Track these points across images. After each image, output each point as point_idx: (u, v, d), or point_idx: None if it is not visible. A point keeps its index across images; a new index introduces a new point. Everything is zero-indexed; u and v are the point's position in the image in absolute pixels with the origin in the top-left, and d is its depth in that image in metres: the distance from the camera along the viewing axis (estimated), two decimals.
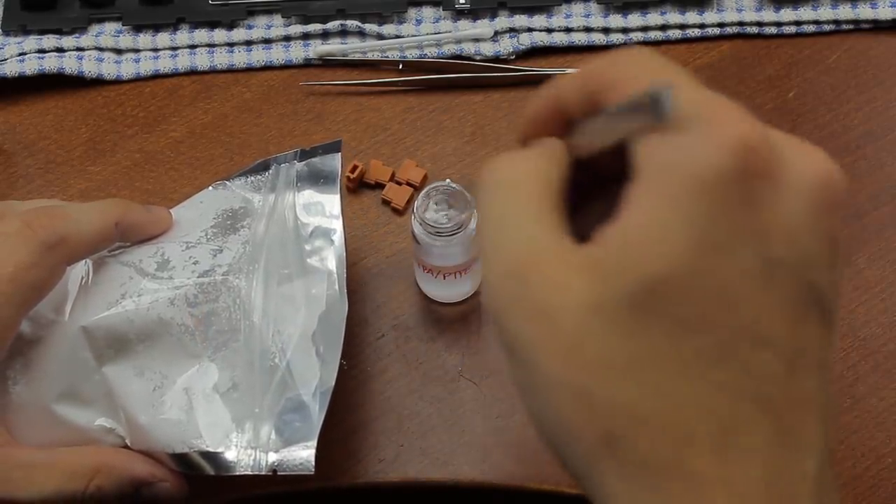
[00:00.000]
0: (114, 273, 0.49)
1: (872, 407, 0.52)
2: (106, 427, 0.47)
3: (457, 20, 0.63)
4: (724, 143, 0.27)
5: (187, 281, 0.48)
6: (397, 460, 0.51)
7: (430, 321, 0.54)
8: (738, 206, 0.27)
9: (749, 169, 0.27)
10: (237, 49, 0.62)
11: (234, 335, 0.48)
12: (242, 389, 0.47)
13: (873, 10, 0.63)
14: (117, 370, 0.47)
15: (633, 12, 0.63)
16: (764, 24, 0.63)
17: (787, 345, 0.27)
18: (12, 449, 0.44)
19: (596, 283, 0.27)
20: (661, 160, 0.28)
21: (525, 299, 0.28)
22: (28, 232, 0.43)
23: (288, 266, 0.50)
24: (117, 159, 0.59)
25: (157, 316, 0.47)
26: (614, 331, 0.27)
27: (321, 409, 0.46)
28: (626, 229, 0.27)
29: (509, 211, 0.30)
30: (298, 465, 0.46)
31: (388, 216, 0.57)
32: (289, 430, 0.46)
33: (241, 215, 0.51)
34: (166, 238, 0.50)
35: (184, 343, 0.47)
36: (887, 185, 0.58)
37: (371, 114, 0.60)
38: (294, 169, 0.53)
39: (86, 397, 0.47)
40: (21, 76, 0.60)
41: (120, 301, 0.47)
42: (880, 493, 0.50)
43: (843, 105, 0.61)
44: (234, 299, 0.48)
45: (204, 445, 0.46)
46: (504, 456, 0.51)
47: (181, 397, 0.47)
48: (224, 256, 0.49)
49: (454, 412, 0.52)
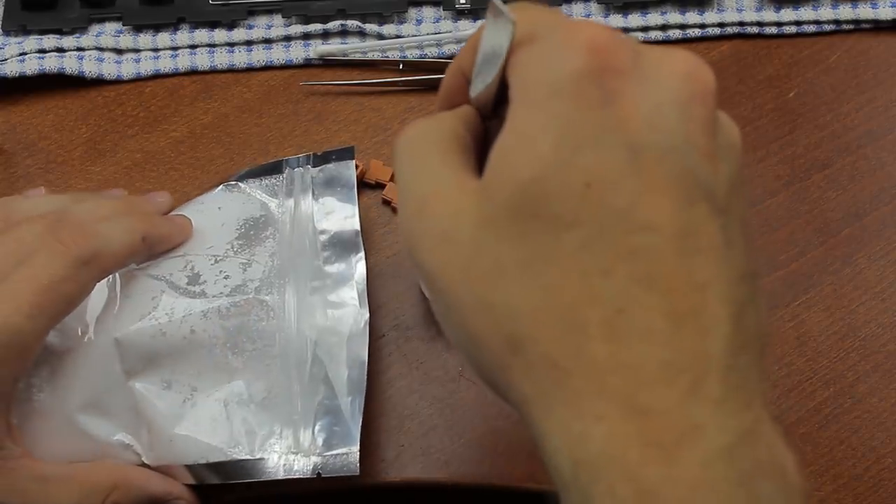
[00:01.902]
0: (145, 286, 0.49)
1: (872, 407, 0.52)
2: (124, 443, 0.47)
3: (457, 20, 0.63)
4: (574, 45, 0.29)
5: (220, 296, 0.49)
6: (398, 460, 0.51)
7: (431, 321, 0.54)
8: (595, 101, 0.28)
9: (603, 66, 0.28)
10: (238, 49, 0.62)
11: (268, 346, 0.48)
12: (279, 397, 0.48)
13: (874, 10, 0.63)
14: (145, 384, 0.48)
15: (634, 12, 0.63)
16: (764, 24, 0.63)
17: (672, 227, 0.28)
18: (29, 461, 0.44)
19: (482, 201, 0.29)
20: (523, 74, 0.30)
21: (429, 231, 0.30)
22: (61, 247, 0.43)
23: (316, 277, 0.51)
24: (118, 159, 0.59)
25: (190, 329, 0.48)
26: (502, 239, 0.29)
27: (358, 411, 0.47)
28: (500, 146, 0.29)
29: (416, 158, 0.32)
30: (342, 468, 0.47)
31: (388, 216, 0.57)
32: (328, 434, 0.47)
33: (262, 224, 0.52)
34: (191, 250, 0.51)
35: (215, 355, 0.48)
36: (887, 185, 0.58)
37: (371, 114, 0.60)
38: (309, 175, 0.54)
39: (109, 410, 0.47)
40: (21, 76, 0.60)
41: (152, 313, 0.48)
42: (880, 493, 0.50)
43: (843, 105, 0.61)
44: (268, 312, 0.49)
45: (243, 453, 0.47)
46: (505, 456, 0.51)
47: (215, 408, 0.47)
48: (254, 270, 0.50)
49: (455, 412, 0.52)
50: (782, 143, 0.59)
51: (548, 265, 0.28)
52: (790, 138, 0.60)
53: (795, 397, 0.52)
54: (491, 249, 0.29)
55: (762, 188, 0.58)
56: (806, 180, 0.58)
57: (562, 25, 0.29)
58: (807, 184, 0.58)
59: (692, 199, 0.28)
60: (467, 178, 0.30)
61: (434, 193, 0.30)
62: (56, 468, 0.45)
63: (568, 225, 0.28)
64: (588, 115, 0.28)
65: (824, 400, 0.52)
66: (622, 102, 0.28)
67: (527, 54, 0.29)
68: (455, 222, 0.29)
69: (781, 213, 0.57)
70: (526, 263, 0.28)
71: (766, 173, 0.58)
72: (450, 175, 0.31)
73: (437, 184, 0.31)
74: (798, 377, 0.53)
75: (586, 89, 0.28)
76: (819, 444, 0.51)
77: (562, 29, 0.29)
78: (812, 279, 0.55)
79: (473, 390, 0.52)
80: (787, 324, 0.54)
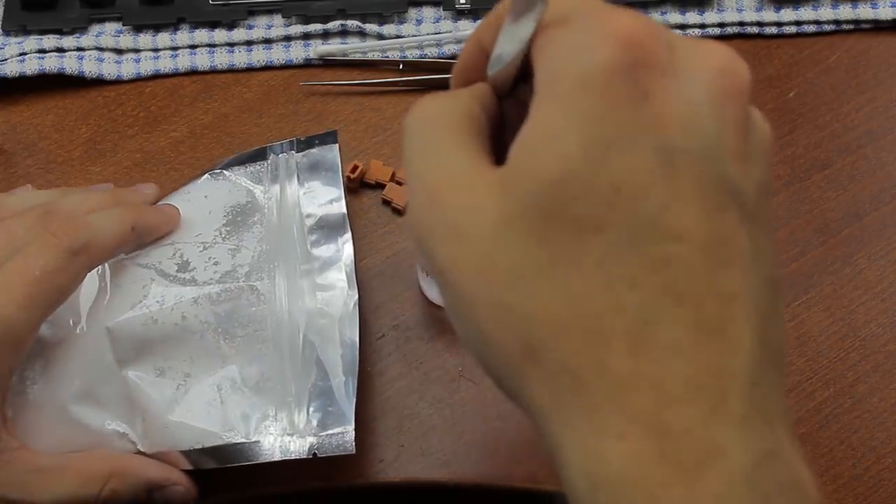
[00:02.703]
0: (134, 275, 0.49)
1: (873, 407, 0.52)
2: (119, 431, 0.47)
3: (457, 20, 0.63)
4: (607, 36, 0.27)
5: (210, 282, 0.49)
6: (398, 460, 0.51)
7: (431, 321, 0.54)
8: (627, 99, 0.26)
9: (636, 61, 0.26)
10: (238, 49, 0.62)
11: (259, 331, 0.49)
12: (272, 381, 0.48)
13: (874, 10, 0.63)
14: (138, 373, 0.48)
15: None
16: (764, 24, 0.63)
17: (701, 237, 0.26)
18: (26, 453, 0.44)
19: (503, 197, 0.27)
20: (551, 61, 0.27)
21: (442, 223, 0.28)
22: (53, 239, 0.43)
23: (304, 261, 0.51)
24: (118, 159, 0.59)
25: (181, 315, 0.48)
26: (523, 240, 0.27)
27: (352, 391, 0.48)
28: (524, 140, 0.27)
29: (428, 142, 0.30)
30: (337, 447, 0.47)
31: (388, 216, 0.57)
32: (323, 414, 0.48)
33: (249, 210, 0.52)
34: (179, 238, 0.51)
35: (207, 341, 0.48)
36: (887, 185, 0.58)
37: (371, 114, 0.60)
38: (293, 160, 0.54)
39: (102, 399, 0.47)
40: (21, 76, 0.60)
41: (143, 301, 0.48)
42: (880, 493, 0.50)
43: (843, 105, 0.61)
44: (258, 297, 0.49)
45: (238, 437, 0.47)
46: (505, 456, 0.51)
47: (209, 393, 0.48)
48: (243, 256, 0.50)
49: (455, 412, 0.52)
50: (782, 143, 0.59)
51: (571, 271, 0.26)
52: (790, 138, 0.60)
53: (795, 397, 0.52)
54: (510, 249, 0.27)
55: None
56: (806, 180, 0.58)
57: (596, 10, 0.27)
58: (807, 184, 0.58)
59: (722, 206, 0.27)
60: (483, 168, 0.29)
61: (448, 182, 0.29)
62: (52, 459, 0.45)
63: (594, 230, 0.26)
64: (619, 113, 0.26)
65: (824, 400, 0.52)
66: (655, 100, 0.27)
67: (556, 39, 0.28)
68: (471, 217, 0.28)
69: (781, 213, 0.57)
70: (547, 267, 0.27)
71: None
72: (465, 162, 0.29)
73: (451, 171, 0.29)
74: (798, 377, 0.53)
75: (618, 85, 0.26)
76: (819, 444, 0.51)
77: (596, 14, 0.27)
78: (812, 279, 0.55)
79: (473, 390, 0.52)
80: (787, 324, 0.54)
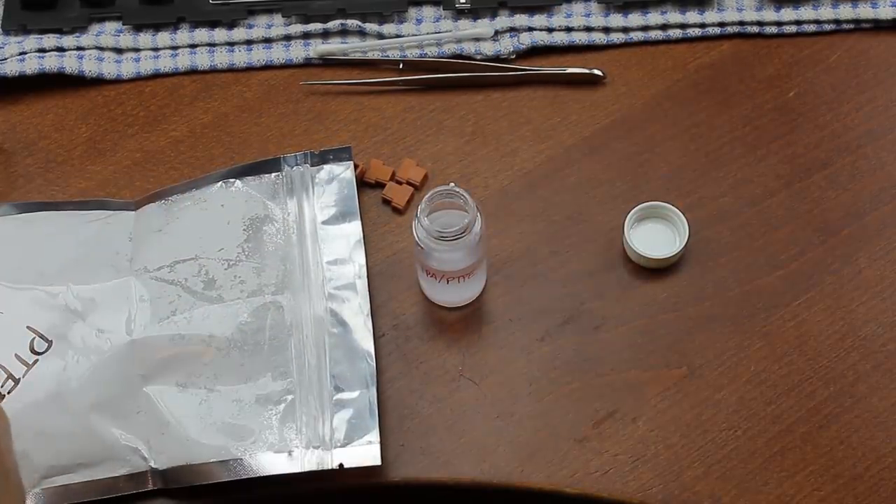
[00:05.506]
0: (161, 291, 0.51)
1: (872, 407, 0.52)
2: (131, 447, 0.48)
3: (457, 19, 0.63)
4: None
5: (237, 301, 0.50)
6: (398, 460, 0.51)
7: (431, 321, 0.54)
8: None
9: None
10: (237, 48, 0.62)
11: (284, 348, 0.50)
12: (296, 396, 0.49)
13: (874, 9, 0.63)
14: (161, 387, 0.49)
15: (634, 12, 0.63)
16: (764, 24, 0.63)
17: None
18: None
19: None
20: None
21: None
22: None
23: (322, 277, 0.52)
24: (117, 158, 0.59)
25: (209, 332, 0.49)
26: None
27: (373, 405, 0.49)
28: None
29: None
30: (364, 458, 0.48)
31: (388, 216, 0.57)
32: (348, 427, 0.49)
33: (266, 224, 0.53)
34: (203, 252, 0.52)
35: (232, 357, 0.49)
36: (887, 185, 0.58)
37: (371, 113, 0.60)
38: (308, 175, 0.55)
39: (121, 412, 0.49)
40: (21, 76, 0.60)
41: (171, 317, 0.50)
42: (880, 493, 0.50)
43: (843, 105, 0.61)
44: (282, 314, 0.50)
45: (263, 449, 0.48)
46: (504, 456, 0.51)
47: (231, 408, 0.49)
48: (268, 276, 0.52)
49: (454, 412, 0.52)
50: (782, 143, 0.59)
51: None
52: (790, 138, 0.59)
53: (795, 397, 0.52)
54: None
55: (762, 188, 0.58)
56: (806, 180, 0.58)
57: None
58: (807, 183, 0.58)
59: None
60: None
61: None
62: None
63: None
64: None
65: (824, 400, 0.52)
66: None
67: None
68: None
69: (782, 212, 0.57)
70: None
71: (767, 173, 0.58)
72: None
73: None
74: (798, 377, 0.53)
75: None
76: (819, 444, 0.51)
77: None
78: (812, 279, 0.55)
79: (473, 390, 0.52)
80: (787, 323, 0.54)
